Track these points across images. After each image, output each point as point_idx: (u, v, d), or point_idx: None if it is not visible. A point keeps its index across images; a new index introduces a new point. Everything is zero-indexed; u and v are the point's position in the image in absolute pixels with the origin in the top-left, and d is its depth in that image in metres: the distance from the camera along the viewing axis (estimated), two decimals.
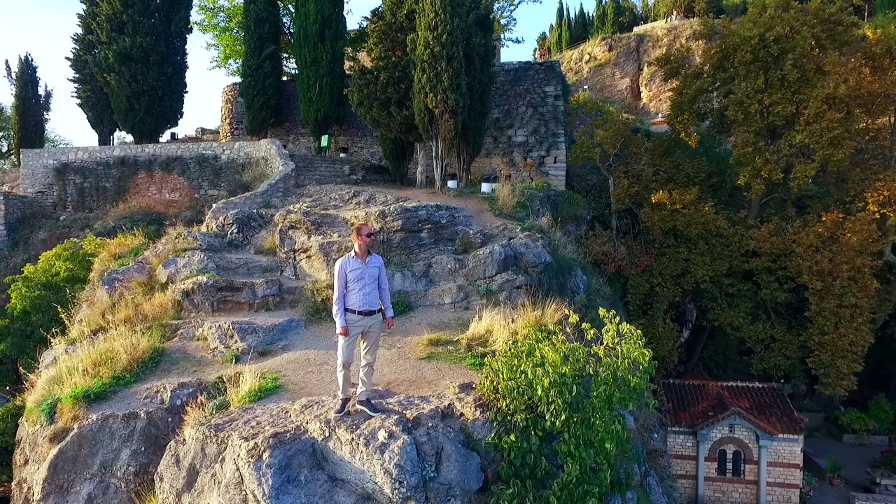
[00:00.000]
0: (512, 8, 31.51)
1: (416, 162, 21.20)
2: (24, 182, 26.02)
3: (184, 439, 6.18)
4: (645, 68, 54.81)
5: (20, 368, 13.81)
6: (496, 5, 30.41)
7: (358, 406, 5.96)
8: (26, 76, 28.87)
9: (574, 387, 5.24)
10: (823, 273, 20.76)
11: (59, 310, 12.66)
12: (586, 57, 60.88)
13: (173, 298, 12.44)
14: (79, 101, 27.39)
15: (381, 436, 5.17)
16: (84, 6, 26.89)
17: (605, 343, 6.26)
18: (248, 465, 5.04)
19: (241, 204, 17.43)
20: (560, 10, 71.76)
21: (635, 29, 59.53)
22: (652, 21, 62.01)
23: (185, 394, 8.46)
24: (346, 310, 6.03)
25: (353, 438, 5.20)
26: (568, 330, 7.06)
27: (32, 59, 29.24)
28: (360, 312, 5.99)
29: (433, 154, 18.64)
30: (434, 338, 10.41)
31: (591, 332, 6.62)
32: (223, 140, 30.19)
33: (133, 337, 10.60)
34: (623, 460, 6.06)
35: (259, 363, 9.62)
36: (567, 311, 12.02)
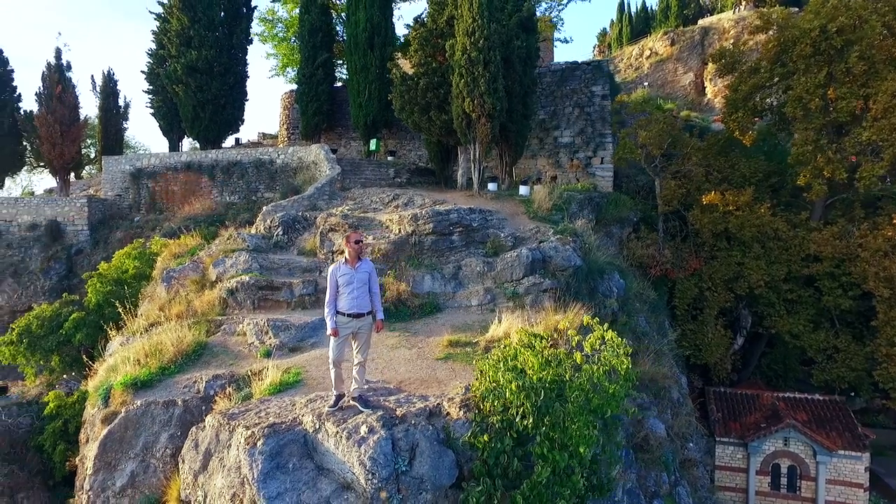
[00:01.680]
0: (561, 8, 31.15)
1: (459, 164, 21.54)
2: (104, 186, 28.47)
3: (204, 426, 6.82)
4: (710, 63, 52.53)
5: (84, 357, 15.25)
6: (543, 5, 30.22)
7: (351, 402, 6.38)
8: (108, 89, 31.58)
9: (542, 391, 5.40)
10: (893, 280, 19.35)
11: (120, 305, 13.88)
12: (647, 52, 58.97)
13: (219, 296, 13.38)
14: (152, 110, 29.66)
15: (363, 430, 5.55)
16: (157, 23, 29.08)
17: (585, 350, 6.33)
18: (245, 451, 5.56)
19: (289, 207, 18.36)
20: (621, 4, 69.87)
21: (700, 21, 57.06)
22: (719, 13, 59.28)
23: (218, 385, 9.18)
24: (336, 312, 6.44)
25: (337, 431, 5.61)
26: (573, 334, 7.13)
27: (114, 73, 31.97)
28: (349, 315, 6.39)
29: (471, 157, 18.89)
30: (454, 339, 10.67)
31: (577, 338, 6.69)
32: (281, 144, 31.75)
33: (180, 331, 11.55)
34: (606, 465, 6.10)
35: (288, 359, 10.27)
36: (590, 316, 12.05)
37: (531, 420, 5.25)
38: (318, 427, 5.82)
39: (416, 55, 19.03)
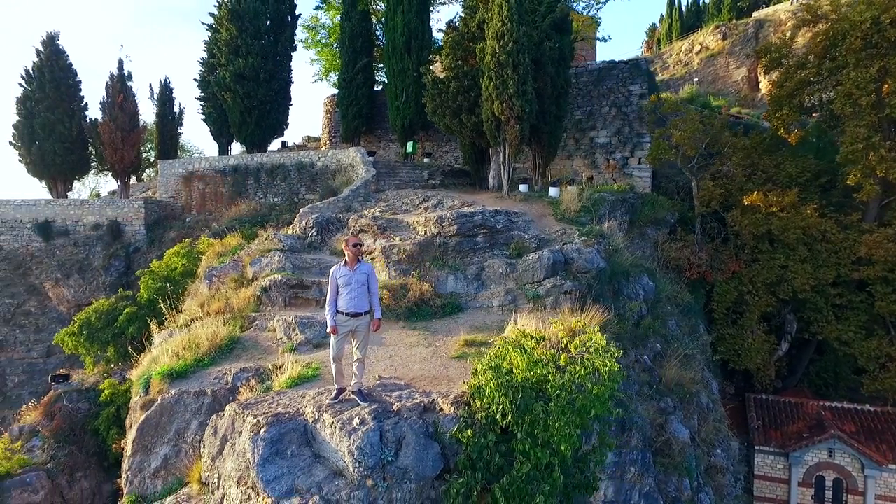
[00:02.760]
0: (599, 6, 30.76)
1: (491, 166, 21.73)
2: (160, 188, 30.25)
3: (223, 414, 7.37)
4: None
5: (130, 349, 16.39)
6: (581, 4, 29.92)
7: (351, 395, 6.76)
8: (164, 96, 33.48)
9: (520, 390, 5.57)
10: None
11: (163, 302, 14.87)
12: (696, 47, 57.14)
13: (254, 294, 14.13)
14: (203, 116, 31.28)
15: (355, 422, 5.90)
16: (209, 33, 30.63)
17: (570, 351, 6.44)
18: (249, 438, 6.03)
19: (325, 208, 19.07)
20: None
21: (755, 14, 54.81)
22: (775, 4, 56.72)
23: (244, 377, 9.80)
24: (336, 311, 6.82)
25: (333, 422, 5.99)
26: (562, 335, 7.26)
27: (170, 82, 33.87)
28: (347, 314, 6.76)
29: (501, 159, 19.05)
30: (470, 339, 10.93)
31: (566, 339, 6.81)
32: (323, 147, 32.79)
33: (216, 326, 12.31)
34: (592, 464, 6.20)
35: (311, 354, 10.80)
36: (607, 317, 12.06)
37: (510, 417, 5.46)
38: (317, 417, 6.24)
39: (447, 59, 19.37)
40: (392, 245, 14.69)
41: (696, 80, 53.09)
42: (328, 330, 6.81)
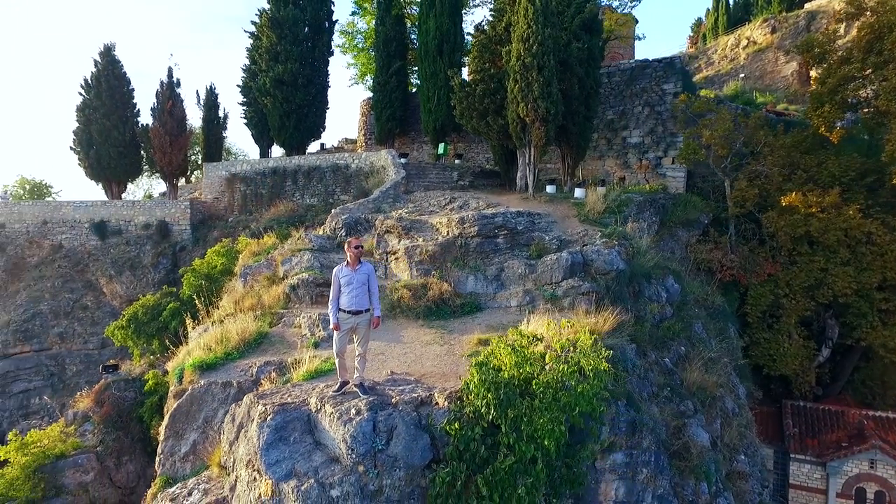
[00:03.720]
0: (633, 5, 30.28)
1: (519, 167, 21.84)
2: (204, 190, 31.71)
3: (241, 403, 7.90)
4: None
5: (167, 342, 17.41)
6: (616, 2, 29.54)
7: (353, 388, 7.14)
8: (210, 102, 35.03)
9: (503, 386, 5.79)
10: None
11: (198, 299, 15.74)
12: (744, 42, 55.19)
13: (283, 291, 14.80)
14: (245, 120, 32.59)
15: (352, 412, 6.28)
16: (251, 41, 31.89)
17: (556, 350, 6.60)
18: (257, 424, 6.50)
19: (355, 209, 19.65)
20: None
21: (807, 5, 52.52)
22: None
23: (267, 370, 10.38)
24: (339, 309, 7.21)
25: (332, 412, 6.39)
26: (553, 336, 7.43)
27: (215, 88, 35.43)
28: (348, 312, 7.14)
29: (526, 160, 19.17)
30: (485, 338, 11.17)
31: (555, 339, 6.98)
32: (359, 149, 33.59)
33: (246, 322, 13.02)
34: (578, 459, 6.35)
35: (331, 350, 11.28)
36: (624, 319, 12.08)
37: (494, 412, 5.70)
38: (319, 407, 6.66)
39: (474, 62, 19.63)
40: (415, 245, 15.08)
41: (742, 75, 51.33)
42: (331, 327, 7.22)
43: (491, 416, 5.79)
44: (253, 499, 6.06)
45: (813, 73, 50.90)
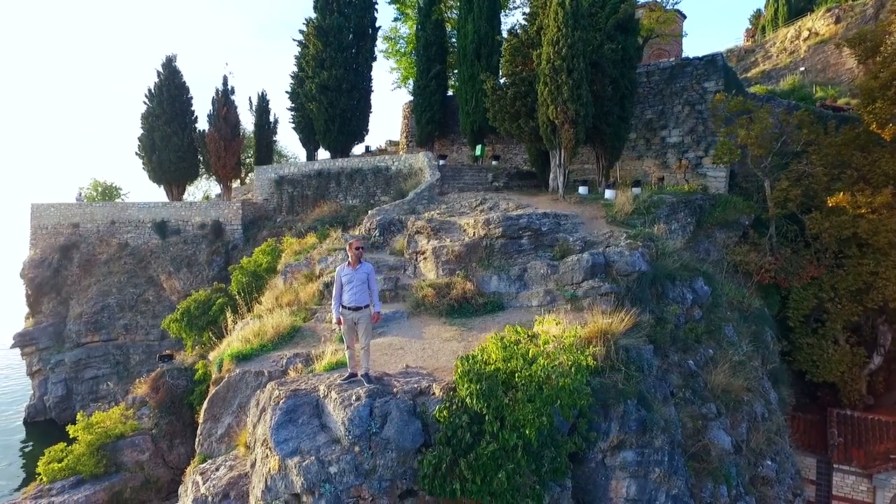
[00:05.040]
0: (676, 1, 29.65)
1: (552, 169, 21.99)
2: (255, 191, 33.42)
3: (265, 390, 8.66)
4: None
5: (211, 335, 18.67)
6: None
7: (360, 377, 7.74)
8: (261, 108, 36.83)
9: (484, 378, 6.17)
10: None
11: (240, 296, 16.83)
12: (804, 34, 52.64)
13: (318, 288, 15.67)
14: (293, 125, 34.11)
15: (353, 399, 6.85)
16: (299, 49, 33.34)
17: (541, 347, 6.91)
18: (271, 408, 7.19)
19: (390, 210, 20.39)
20: None
21: None
22: None
23: (295, 361, 11.18)
24: (341, 306, 7.82)
25: (336, 398, 6.99)
26: (554, 334, 7.76)
27: (266, 94, 37.14)
28: (349, 308, 7.75)
29: (557, 162, 19.33)
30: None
31: (543, 337, 7.30)
32: (401, 152, 34.47)
33: (281, 317, 13.95)
34: (561, 451, 6.64)
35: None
36: (643, 319, 12.18)
37: (476, 401, 6.11)
38: (326, 394, 7.29)
39: (506, 65, 19.96)
40: (442, 246, 15.61)
41: (801, 69, 49.02)
42: (334, 321, 7.84)
43: (475, 406, 6.23)
44: (264, 473, 6.76)
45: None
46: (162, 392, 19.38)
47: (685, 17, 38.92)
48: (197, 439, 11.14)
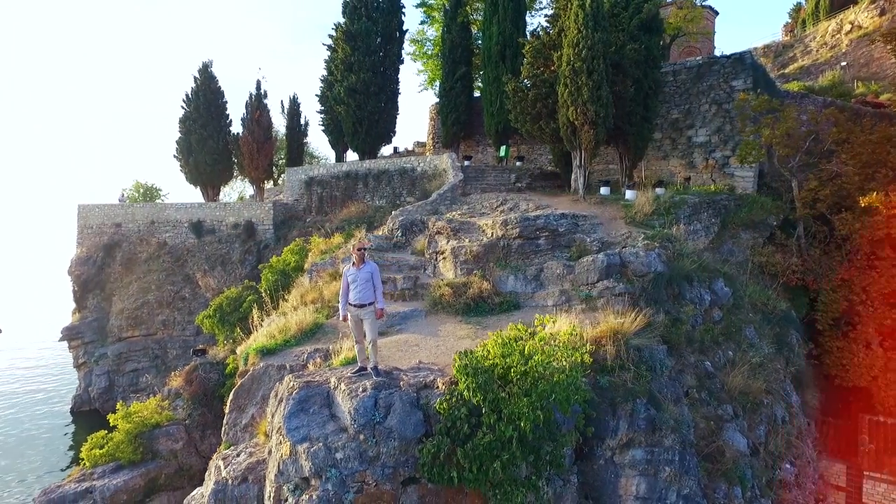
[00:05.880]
0: None
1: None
2: (286, 192, 34.39)
3: (283, 382, 9.16)
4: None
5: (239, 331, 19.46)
6: None
7: (370, 371, 8.15)
8: (293, 111, 37.91)
9: (480, 373, 6.45)
10: None
11: (276, 293, 17.50)
12: (847, 27, 50.88)
13: (341, 287, 16.17)
14: (322, 127, 34.97)
15: (360, 390, 7.24)
16: (328, 53, 34.17)
17: (536, 345, 7.14)
18: (285, 397, 7.65)
19: (413, 211, 20.84)
20: None
21: None
22: None
23: (315, 356, 11.69)
24: (348, 304, 8.27)
25: (345, 389, 7.40)
26: (550, 332, 7.99)
27: (297, 98, 38.20)
28: (354, 305, 8.21)
29: (576, 163, 19.41)
30: None
31: (541, 334, 7.53)
32: (427, 153, 34.93)
33: (305, 314, 14.51)
34: (559, 444, 6.87)
35: None
36: (657, 320, 12.26)
37: (471, 395, 6.40)
38: (336, 385, 7.71)
39: (527, 67, 20.13)
40: (461, 246, 15.94)
41: (843, 63, 47.44)
42: (340, 317, 8.28)
43: (472, 399, 6.54)
44: (278, 458, 7.23)
45: None
46: (195, 385, 20.31)
47: (717, 13, 38.23)
48: (223, 428, 11.77)
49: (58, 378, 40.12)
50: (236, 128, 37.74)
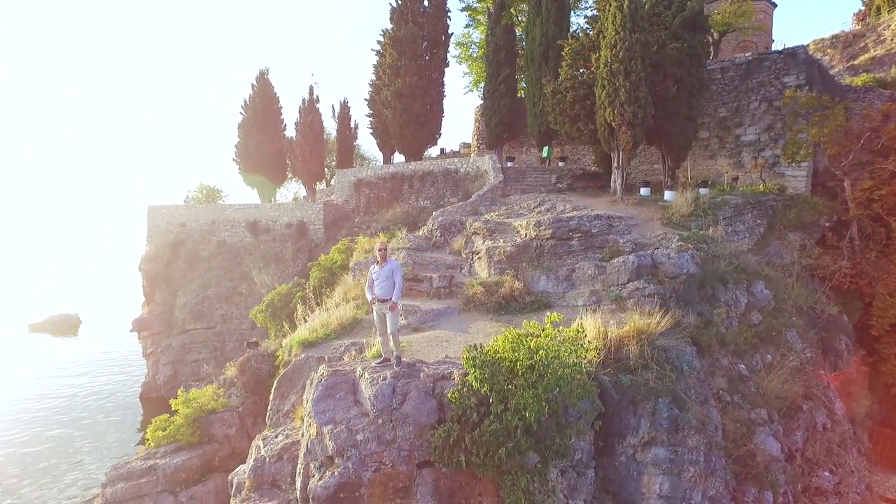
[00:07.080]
0: None
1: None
2: (336, 193, 35.75)
3: (318, 371, 9.92)
4: None
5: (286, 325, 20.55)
6: None
7: (392, 360, 8.76)
8: (343, 115, 39.31)
9: (487, 366, 6.84)
10: None
11: (321, 290, 18.48)
12: None
13: None
14: (371, 130, 36.10)
15: (380, 379, 7.83)
16: (377, 59, 35.26)
17: (542, 342, 7.45)
18: (314, 384, 8.35)
19: (453, 212, 21.40)
20: None
21: None
22: None
23: (351, 348, 12.45)
24: (374, 297, 8.89)
25: (367, 377, 8.01)
26: (556, 330, 8.31)
27: (347, 102, 39.61)
28: (378, 300, 8.82)
29: (615, 165, 19.39)
30: None
31: (547, 331, 7.85)
32: (472, 154, 35.42)
33: (345, 310, 15.36)
34: (565, 436, 7.17)
35: (407, 336, 13.05)
36: (686, 321, 12.28)
37: (479, 385, 6.82)
38: (361, 374, 8.35)
39: (566, 69, 20.26)
40: (495, 246, 16.37)
41: None
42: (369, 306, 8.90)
43: (479, 389, 6.99)
44: (307, 438, 7.94)
45: None
46: (247, 375, 21.62)
47: (775, 5, 36.71)
48: (268, 413, 12.71)
49: (132, 364, 43.23)
50: (290, 131, 39.51)
